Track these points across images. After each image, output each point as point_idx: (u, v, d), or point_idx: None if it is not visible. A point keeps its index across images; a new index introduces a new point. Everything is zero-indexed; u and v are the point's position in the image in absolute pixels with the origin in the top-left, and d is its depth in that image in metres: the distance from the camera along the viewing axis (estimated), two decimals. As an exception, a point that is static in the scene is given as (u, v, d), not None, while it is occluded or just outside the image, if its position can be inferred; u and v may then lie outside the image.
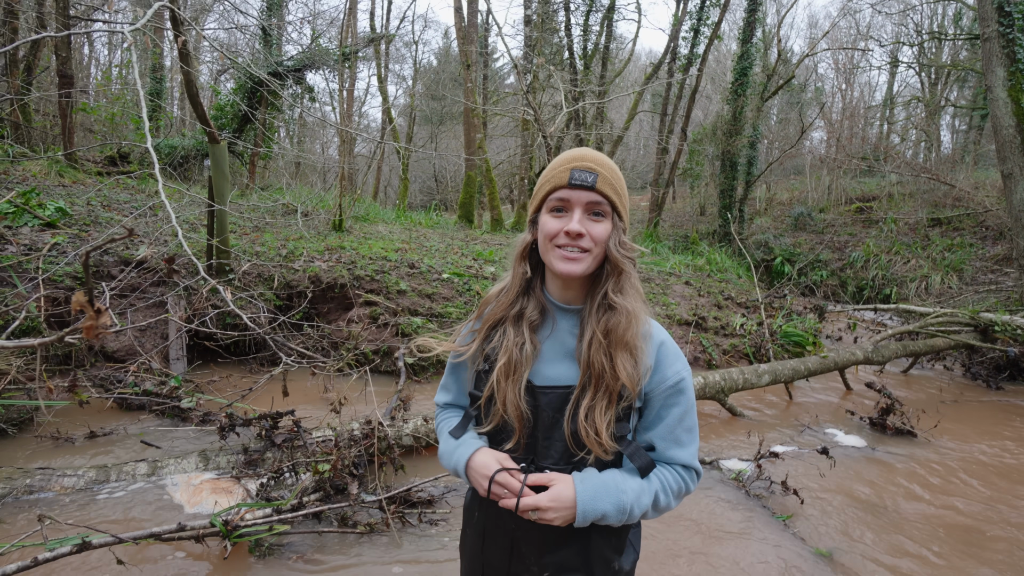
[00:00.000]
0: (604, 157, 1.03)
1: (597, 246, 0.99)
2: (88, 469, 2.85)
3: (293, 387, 4.46)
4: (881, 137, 21.88)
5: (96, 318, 1.25)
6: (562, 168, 1.00)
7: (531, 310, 1.05)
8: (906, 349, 5.87)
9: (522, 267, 1.07)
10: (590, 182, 0.97)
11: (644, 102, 21.03)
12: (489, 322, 1.08)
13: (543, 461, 1.02)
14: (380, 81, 17.76)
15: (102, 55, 19.68)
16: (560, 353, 1.05)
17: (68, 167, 7.87)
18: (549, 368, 1.04)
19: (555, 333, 1.06)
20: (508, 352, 1.02)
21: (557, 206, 1.00)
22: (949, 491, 3.33)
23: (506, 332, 1.05)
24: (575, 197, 0.98)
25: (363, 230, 8.75)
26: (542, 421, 1.02)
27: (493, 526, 1.09)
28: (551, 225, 1.00)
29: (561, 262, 0.99)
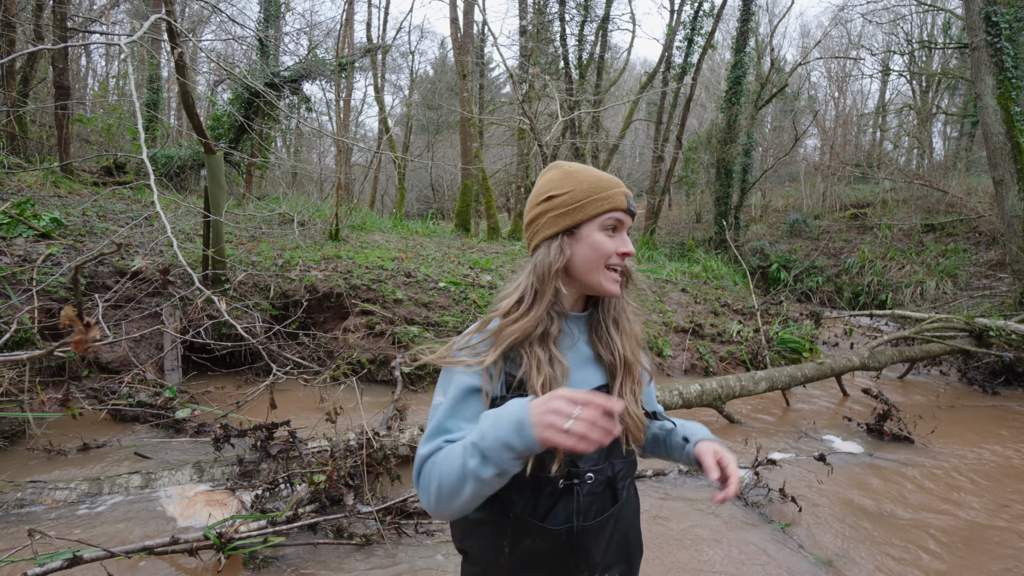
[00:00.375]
0: None
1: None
2: (81, 482, 2.82)
3: (289, 397, 4.44)
4: (874, 144, 22.09)
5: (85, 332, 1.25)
6: (617, 191, 1.04)
7: (554, 328, 1.02)
8: (902, 355, 5.89)
9: (556, 283, 1.02)
10: (634, 211, 1.07)
11: (639, 111, 21.19)
12: (507, 341, 0.98)
13: (584, 466, 1.01)
14: (377, 91, 17.85)
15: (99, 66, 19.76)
16: (580, 360, 1.07)
17: (64, 178, 7.86)
18: (576, 376, 1.04)
19: (575, 343, 1.09)
20: (543, 373, 0.97)
21: (612, 225, 1.04)
22: (947, 497, 3.32)
23: (533, 351, 0.99)
24: (627, 221, 1.06)
25: (360, 239, 8.76)
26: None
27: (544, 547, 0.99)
28: (608, 244, 1.03)
29: (610, 282, 1.04)
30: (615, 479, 1.04)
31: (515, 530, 0.98)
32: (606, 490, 1.03)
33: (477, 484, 0.83)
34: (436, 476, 0.88)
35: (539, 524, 0.98)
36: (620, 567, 1.06)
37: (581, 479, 1.00)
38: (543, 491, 0.98)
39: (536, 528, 0.98)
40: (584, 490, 1.00)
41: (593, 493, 1.02)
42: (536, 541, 0.98)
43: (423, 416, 4.19)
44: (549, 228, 1.04)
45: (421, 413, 4.29)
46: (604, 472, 1.03)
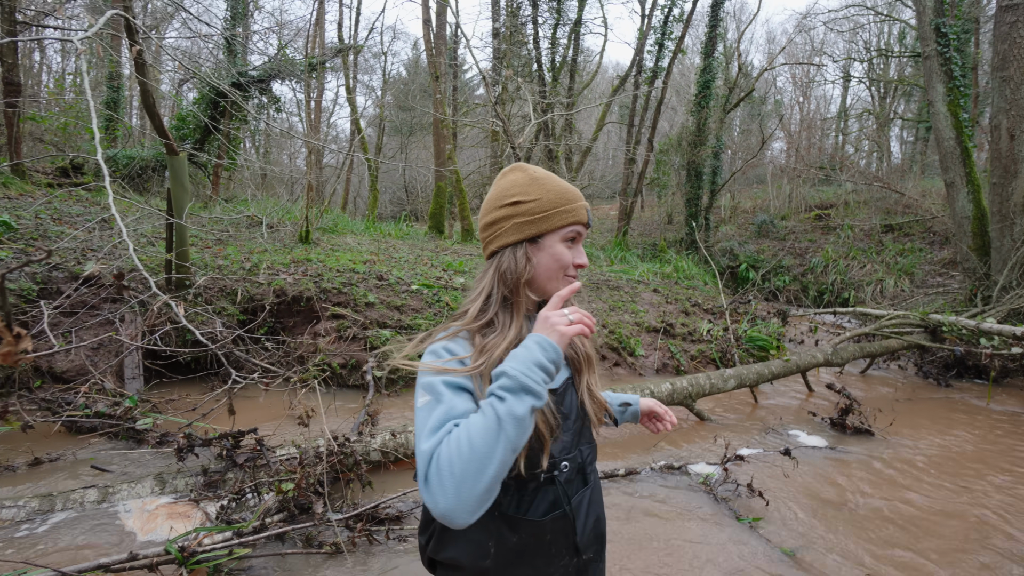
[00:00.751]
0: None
1: None
2: (31, 499, 2.69)
3: (257, 404, 4.33)
4: (837, 147, 22.89)
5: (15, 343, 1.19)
6: (579, 204, 1.09)
7: (525, 330, 1.05)
8: (863, 351, 6.11)
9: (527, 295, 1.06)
10: (592, 223, 1.12)
11: (612, 113, 21.46)
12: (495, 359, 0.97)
13: (560, 457, 1.05)
14: (348, 92, 17.62)
15: (55, 62, 18.97)
16: None
17: (14, 179, 7.51)
18: None
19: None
20: None
21: (572, 237, 1.08)
22: (905, 485, 3.46)
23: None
24: (584, 233, 1.11)
25: (331, 242, 8.61)
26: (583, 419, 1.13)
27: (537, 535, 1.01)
28: (567, 256, 1.07)
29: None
30: (584, 464, 1.10)
31: (501, 529, 0.99)
32: (577, 476, 1.09)
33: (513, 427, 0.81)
34: (455, 455, 0.81)
35: (525, 518, 1.01)
36: (595, 547, 1.09)
37: (559, 469, 1.04)
38: (526, 487, 1.01)
39: (523, 523, 1.00)
40: (562, 478, 1.05)
41: (569, 481, 1.07)
42: (523, 536, 1.00)
43: (395, 421, 4.14)
44: (513, 235, 1.04)
45: (393, 418, 4.24)
46: (576, 459, 1.08)
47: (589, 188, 22.21)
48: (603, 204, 26.21)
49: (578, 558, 1.05)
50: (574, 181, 15.73)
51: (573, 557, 1.04)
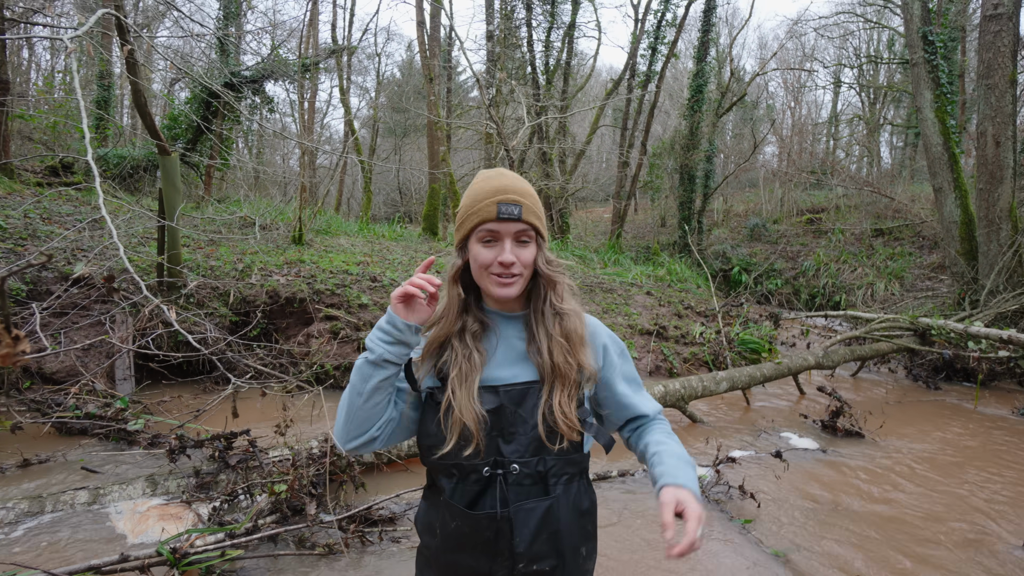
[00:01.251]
0: (523, 182, 1.11)
1: (527, 269, 1.10)
2: (20, 500, 2.66)
3: (250, 406, 4.31)
4: (828, 152, 23.14)
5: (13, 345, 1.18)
6: (489, 202, 1.06)
7: (471, 324, 1.12)
8: (854, 353, 6.17)
9: (456, 289, 1.12)
10: (516, 214, 1.06)
11: (605, 117, 21.56)
12: (434, 344, 1.12)
13: (510, 456, 1.05)
14: (342, 93, 17.58)
15: (44, 60, 18.78)
16: (512, 356, 1.13)
17: (2, 177, 7.42)
18: (504, 371, 1.11)
19: (503, 339, 1.14)
20: (458, 364, 1.08)
21: (487, 237, 1.07)
22: (895, 487, 3.50)
23: (454, 347, 1.11)
24: (503, 229, 1.06)
25: (324, 243, 8.58)
26: (505, 417, 1.07)
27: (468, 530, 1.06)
28: (484, 255, 1.07)
29: (497, 288, 1.08)
30: (546, 474, 1.07)
31: (444, 513, 1.08)
32: (536, 484, 1.07)
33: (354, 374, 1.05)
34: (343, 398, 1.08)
35: (462, 509, 1.05)
36: (550, 561, 1.05)
37: (506, 469, 1.05)
38: (468, 478, 1.06)
39: (460, 512, 1.05)
40: (509, 480, 1.05)
41: (520, 484, 1.06)
42: (460, 525, 1.05)
43: (389, 422, 4.13)
44: (455, 240, 1.15)
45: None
46: (532, 465, 1.06)
47: (582, 191, 22.30)
48: (596, 207, 26.30)
49: (515, 566, 1.03)
50: (567, 184, 15.79)
51: (511, 562, 1.04)
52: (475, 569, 1.06)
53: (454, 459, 1.06)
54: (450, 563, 1.09)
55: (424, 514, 1.17)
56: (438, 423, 1.08)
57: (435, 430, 1.08)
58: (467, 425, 1.03)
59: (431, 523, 1.13)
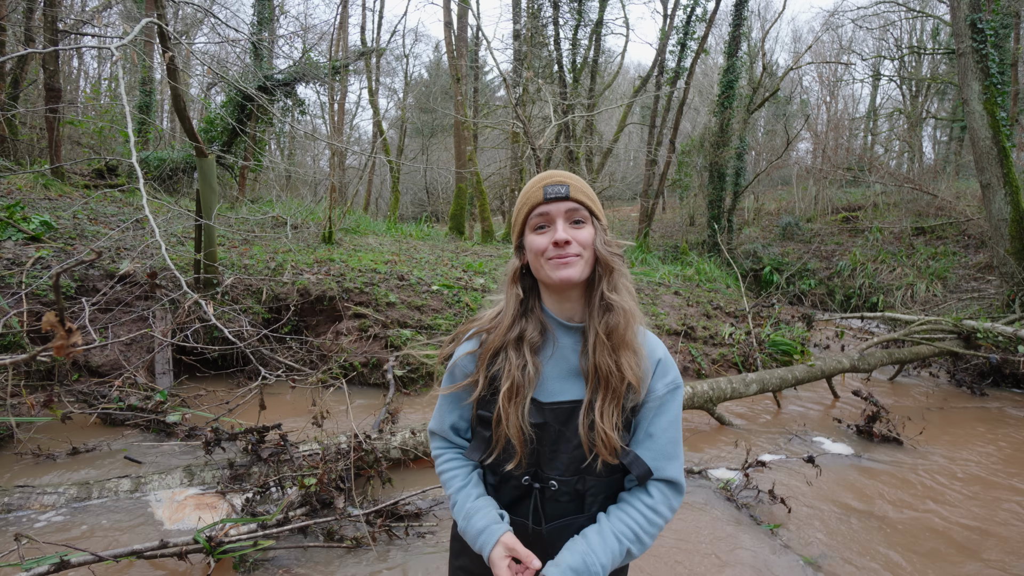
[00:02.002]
0: (570, 173, 1.10)
1: (586, 250, 1.04)
2: (69, 486, 2.80)
3: (280, 400, 4.43)
4: (865, 148, 22.31)
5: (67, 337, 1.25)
6: (535, 189, 1.07)
7: (531, 331, 1.08)
8: (892, 357, 5.94)
9: (515, 289, 1.10)
10: (564, 192, 1.04)
11: (633, 114, 21.31)
12: (490, 351, 1.09)
13: (549, 472, 1.05)
14: (371, 94, 17.86)
15: (91, 68, 19.66)
16: (564, 371, 1.08)
17: (54, 180, 7.81)
18: (555, 385, 1.07)
19: (558, 351, 1.09)
20: (511, 376, 1.04)
21: (539, 223, 1.06)
22: (936, 498, 3.36)
23: (508, 356, 1.06)
24: (554, 209, 1.04)
25: (353, 242, 8.75)
26: (548, 436, 1.05)
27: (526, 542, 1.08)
28: (538, 242, 1.05)
29: (556, 270, 1.03)
30: (584, 493, 1.06)
31: None
32: (573, 501, 1.06)
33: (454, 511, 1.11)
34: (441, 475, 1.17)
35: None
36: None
37: (544, 484, 1.05)
38: (508, 483, 1.08)
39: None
40: (546, 495, 1.05)
41: (556, 500, 1.06)
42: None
43: (415, 419, 4.19)
44: (513, 243, 1.14)
45: (413, 416, 4.29)
46: (571, 484, 1.05)
47: (610, 189, 22.09)
48: (624, 206, 26.02)
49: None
50: (594, 182, 15.67)
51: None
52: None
53: (498, 466, 1.08)
54: (484, 566, 1.08)
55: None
56: (487, 430, 1.09)
57: (482, 438, 1.10)
58: (512, 442, 1.03)
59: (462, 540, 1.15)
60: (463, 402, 1.13)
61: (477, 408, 1.11)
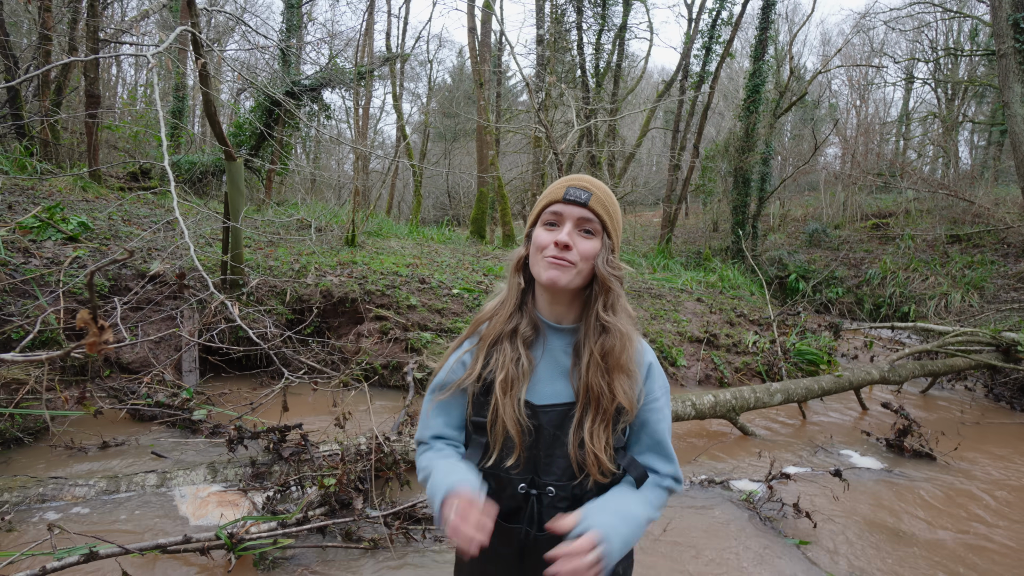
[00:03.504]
0: (600, 182, 1.09)
1: (584, 261, 1.04)
2: (99, 479, 2.89)
3: (301, 401, 4.50)
4: (897, 153, 21.70)
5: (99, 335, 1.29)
6: (559, 186, 1.07)
7: (524, 326, 1.09)
8: (924, 369, 5.74)
9: (517, 278, 1.11)
10: (583, 199, 1.04)
11: (656, 119, 21.13)
12: (489, 339, 1.09)
13: (546, 478, 1.04)
14: (395, 99, 18.11)
15: (129, 75, 20.39)
16: (555, 372, 1.08)
17: (92, 183, 8.11)
18: (546, 386, 1.07)
19: (548, 352, 1.09)
20: (505, 368, 1.05)
21: (551, 220, 1.06)
22: (971, 517, 3.22)
23: (503, 348, 1.08)
24: (567, 211, 1.04)
25: (375, 245, 8.86)
26: (544, 438, 1.04)
27: (498, 542, 1.06)
28: (543, 237, 1.06)
29: (546, 269, 1.03)
30: (583, 497, 1.04)
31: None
32: (571, 506, 1.04)
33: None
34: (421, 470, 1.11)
35: (499, 521, 1.02)
36: None
37: (541, 490, 1.04)
38: (504, 491, 1.05)
39: (496, 524, 1.02)
40: (544, 501, 1.04)
41: (554, 506, 1.04)
42: (496, 536, 1.02)
43: (434, 422, 4.19)
44: (526, 230, 1.15)
45: (432, 419, 4.29)
46: (568, 489, 1.04)
47: (632, 195, 21.92)
48: (646, 211, 25.80)
49: None
50: (616, 187, 15.57)
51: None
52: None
53: (495, 469, 1.05)
54: (483, 571, 1.11)
55: None
56: (483, 436, 1.08)
57: (479, 444, 1.09)
58: (511, 435, 1.02)
59: None
60: (452, 408, 1.13)
61: (472, 415, 1.09)
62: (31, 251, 4.60)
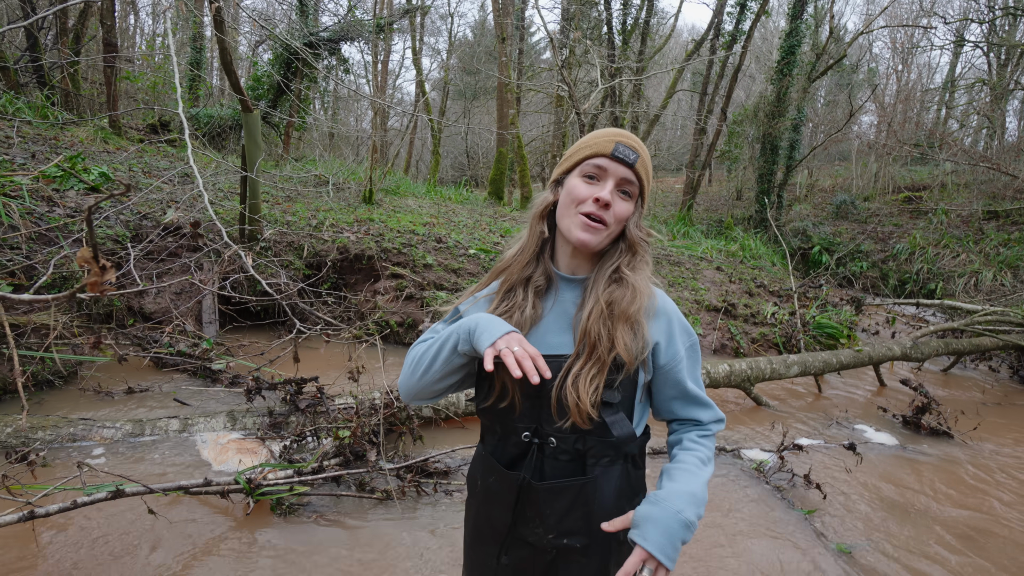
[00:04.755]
0: (642, 143, 1.06)
1: (616, 223, 1.02)
2: (125, 422, 2.99)
3: (317, 355, 4.57)
4: (938, 122, 20.62)
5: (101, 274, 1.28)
6: (606, 139, 1.02)
7: (538, 275, 1.08)
8: (948, 347, 5.60)
9: (540, 226, 1.08)
10: (631, 160, 1.01)
11: (684, 80, 20.31)
12: (507, 285, 1.09)
13: (547, 428, 1.03)
14: (414, 54, 17.64)
15: (147, 24, 20.10)
16: (564, 323, 1.07)
17: (112, 134, 8.13)
18: (553, 337, 1.06)
19: (558, 303, 1.08)
20: (514, 316, 1.05)
21: (592, 172, 1.02)
22: (987, 495, 3.19)
23: (515, 296, 1.08)
24: (613, 169, 1.01)
25: (393, 203, 8.80)
26: (546, 390, 1.02)
27: (498, 487, 1.08)
28: (582, 189, 1.01)
29: (580, 230, 1.01)
30: (585, 454, 1.03)
31: (485, 466, 1.10)
32: (573, 461, 1.03)
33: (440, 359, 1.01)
34: (418, 350, 1.07)
35: (499, 465, 1.05)
36: (580, 538, 1.03)
37: (543, 440, 1.03)
38: (508, 439, 1.06)
39: (497, 469, 1.06)
40: (545, 451, 1.03)
41: (556, 459, 1.03)
42: (496, 481, 1.06)
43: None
44: (554, 174, 1.10)
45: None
46: (570, 443, 1.02)
47: (654, 159, 21.36)
48: (668, 177, 25.18)
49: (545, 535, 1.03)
50: (638, 151, 15.09)
51: (541, 530, 1.03)
52: (507, 526, 1.07)
53: (494, 412, 1.06)
54: (487, 517, 1.11)
55: (471, 467, 1.20)
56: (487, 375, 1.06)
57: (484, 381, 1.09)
58: (507, 382, 1.02)
59: (474, 476, 1.16)
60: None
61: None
62: (55, 200, 4.65)
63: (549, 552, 1.05)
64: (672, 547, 0.92)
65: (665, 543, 0.92)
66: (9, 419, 2.85)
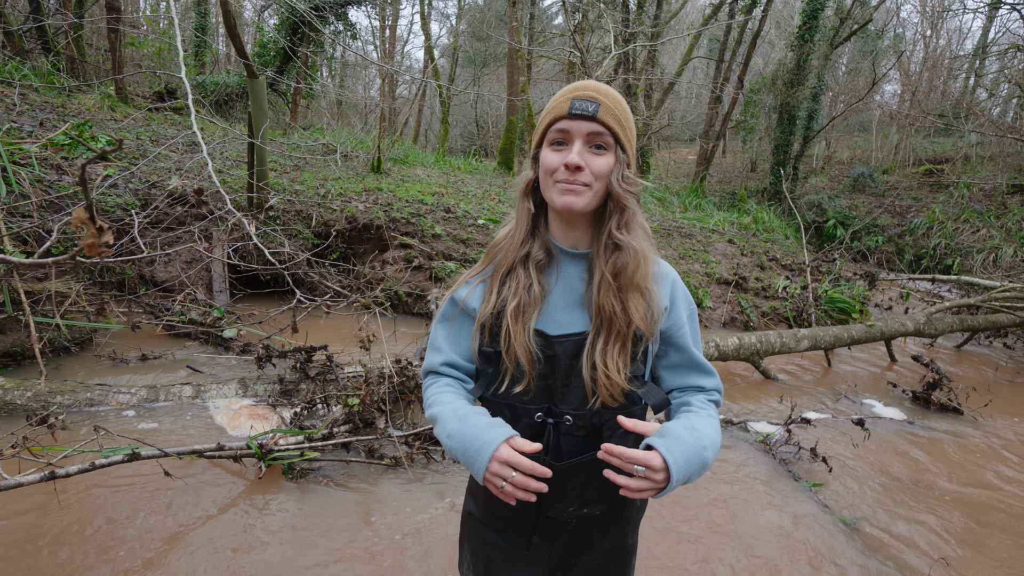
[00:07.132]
0: (608, 87, 0.98)
1: (598, 180, 0.96)
2: (140, 388, 3.05)
3: (327, 324, 4.61)
4: (965, 92, 19.84)
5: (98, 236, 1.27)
6: (563, 98, 0.97)
7: (536, 250, 1.04)
8: (963, 323, 5.52)
9: (526, 203, 1.05)
10: (591, 111, 0.93)
11: (700, 47, 19.65)
12: (502, 269, 1.05)
13: (562, 406, 1.02)
14: (423, 19, 17.17)
15: (150, -12, 19.67)
16: (571, 300, 1.04)
17: (119, 102, 8.06)
18: (562, 315, 1.03)
19: (563, 279, 1.05)
20: (517, 296, 1.01)
21: (557, 139, 0.97)
22: (995, 472, 3.18)
23: (516, 275, 1.03)
24: (575, 127, 0.95)
25: (401, 173, 8.72)
26: (559, 369, 1.01)
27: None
28: (551, 159, 0.97)
29: (559, 195, 0.96)
30: (601, 427, 1.02)
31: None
32: (590, 435, 1.02)
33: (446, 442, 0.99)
34: (428, 406, 1.07)
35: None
36: (600, 506, 1.04)
37: (558, 419, 1.01)
38: (521, 421, 1.02)
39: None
40: (561, 430, 1.02)
41: (572, 435, 1.02)
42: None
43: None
44: (531, 151, 1.07)
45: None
46: (587, 418, 1.01)
47: (667, 128, 20.87)
48: (681, 147, 24.66)
49: (566, 508, 1.03)
50: (652, 120, 14.78)
51: (562, 504, 1.03)
52: (535, 513, 1.07)
53: (506, 398, 1.03)
54: (507, 506, 1.08)
55: None
56: (492, 366, 1.06)
57: (488, 375, 1.07)
58: (520, 363, 1.00)
59: None
60: (463, 337, 1.10)
61: (484, 345, 1.06)
62: (63, 168, 4.65)
63: (570, 522, 1.07)
64: (684, 474, 0.89)
65: (683, 466, 0.88)
66: (28, 383, 2.91)
